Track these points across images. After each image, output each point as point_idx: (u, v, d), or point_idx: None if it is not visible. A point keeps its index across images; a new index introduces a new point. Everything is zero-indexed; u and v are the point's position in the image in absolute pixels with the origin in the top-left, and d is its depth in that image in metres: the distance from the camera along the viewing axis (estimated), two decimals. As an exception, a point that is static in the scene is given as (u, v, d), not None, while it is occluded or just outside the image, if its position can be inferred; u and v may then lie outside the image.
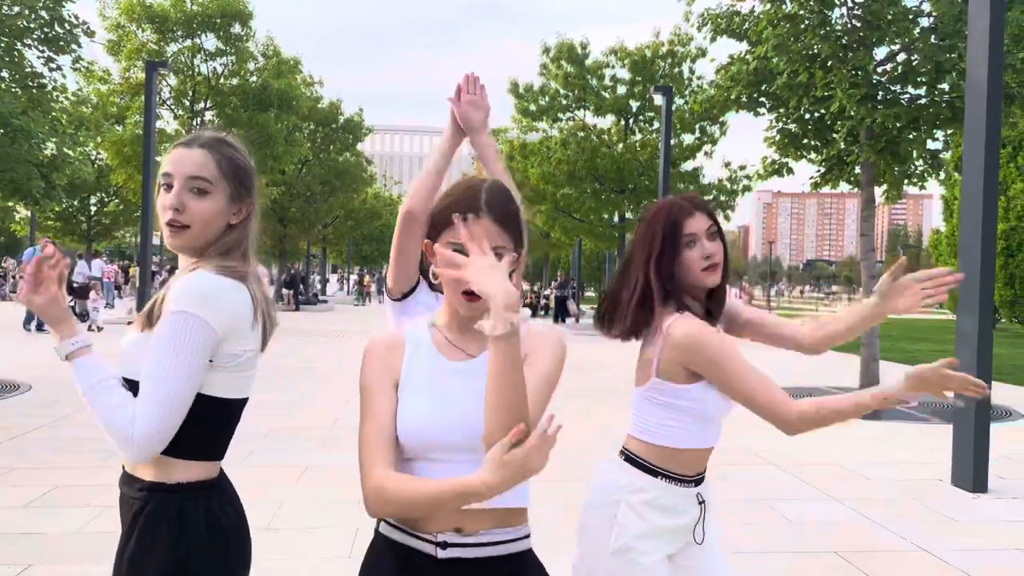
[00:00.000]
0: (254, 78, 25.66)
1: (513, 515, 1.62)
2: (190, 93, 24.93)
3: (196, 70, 25.08)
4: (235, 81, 25.25)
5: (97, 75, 23.42)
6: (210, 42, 25.10)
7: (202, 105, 25.28)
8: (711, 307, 2.18)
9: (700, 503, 2.12)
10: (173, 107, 25.37)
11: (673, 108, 19.94)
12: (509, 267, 1.50)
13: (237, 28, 24.59)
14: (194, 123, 25.24)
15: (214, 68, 25.41)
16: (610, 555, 2.01)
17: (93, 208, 40.99)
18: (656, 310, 2.08)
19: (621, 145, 24.58)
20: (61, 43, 13.99)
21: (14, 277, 33.72)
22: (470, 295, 1.54)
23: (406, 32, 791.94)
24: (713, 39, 11.86)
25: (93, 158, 33.04)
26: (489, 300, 1.40)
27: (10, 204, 26.61)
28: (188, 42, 24.68)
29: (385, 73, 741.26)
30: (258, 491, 5.52)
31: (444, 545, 1.55)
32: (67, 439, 7.12)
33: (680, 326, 2.02)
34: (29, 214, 36.53)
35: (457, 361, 1.61)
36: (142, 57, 23.46)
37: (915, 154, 10.94)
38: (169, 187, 1.72)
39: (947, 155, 11.42)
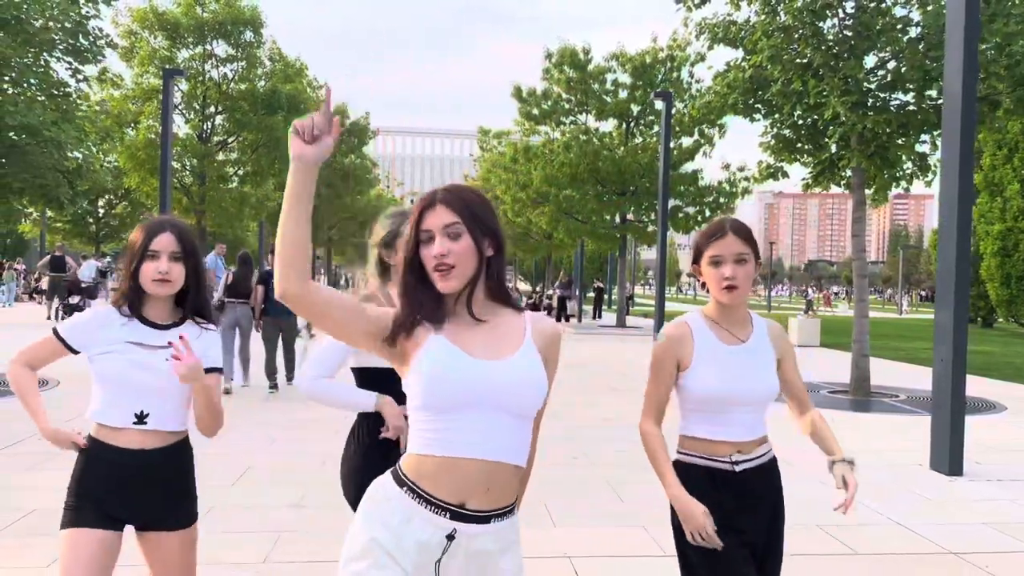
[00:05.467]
0: (263, 83, 26.15)
1: (764, 438, 2.57)
2: (201, 98, 25.41)
3: (207, 76, 25.58)
4: (244, 86, 25.74)
5: (111, 81, 23.92)
6: (220, 48, 25.62)
7: (212, 110, 25.78)
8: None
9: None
10: (184, 111, 25.87)
11: (672, 112, 20.39)
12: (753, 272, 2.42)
13: (249, 35, 25.08)
14: (204, 127, 25.71)
15: (224, 73, 25.90)
16: None
17: (102, 211, 41.45)
18: None
19: (622, 148, 25.00)
20: (86, 54, 14.55)
21: (25, 277, 34.18)
22: (730, 288, 2.37)
23: (401, 35, 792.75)
24: (710, 47, 12.31)
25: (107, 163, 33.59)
26: None
27: (25, 207, 27.04)
28: (199, 48, 25.17)
29: (383, 75, 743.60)
30: (285, 474, 6.05)
31: (737, 463, 2.47)
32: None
33: None
34: (37, 216, 36.87)
35: (731, 345, 2.45)
36: (154, 63, 23.96)
37: (903, 157, 11.40)
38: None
39: (936, 157, 11.86)
